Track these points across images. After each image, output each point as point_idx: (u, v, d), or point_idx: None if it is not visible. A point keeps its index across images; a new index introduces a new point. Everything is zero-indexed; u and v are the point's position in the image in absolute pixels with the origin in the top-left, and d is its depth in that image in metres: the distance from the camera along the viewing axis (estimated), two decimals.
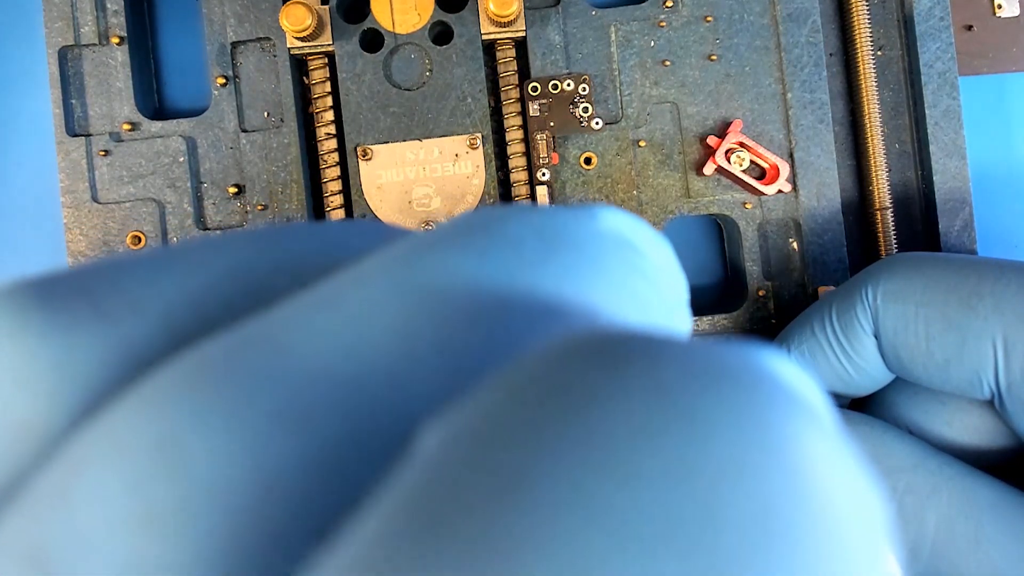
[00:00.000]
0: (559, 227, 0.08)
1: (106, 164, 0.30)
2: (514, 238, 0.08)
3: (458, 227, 0.08)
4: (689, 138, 0.30)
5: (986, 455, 0.23)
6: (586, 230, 0.09)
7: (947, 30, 0.29)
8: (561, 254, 0.08)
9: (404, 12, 0.29)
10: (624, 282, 0.08)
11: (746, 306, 0.30)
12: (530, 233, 0.08)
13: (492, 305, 0.07)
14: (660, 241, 0.09)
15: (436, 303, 0.07)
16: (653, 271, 0.09)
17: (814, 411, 0.07)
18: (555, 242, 0.08)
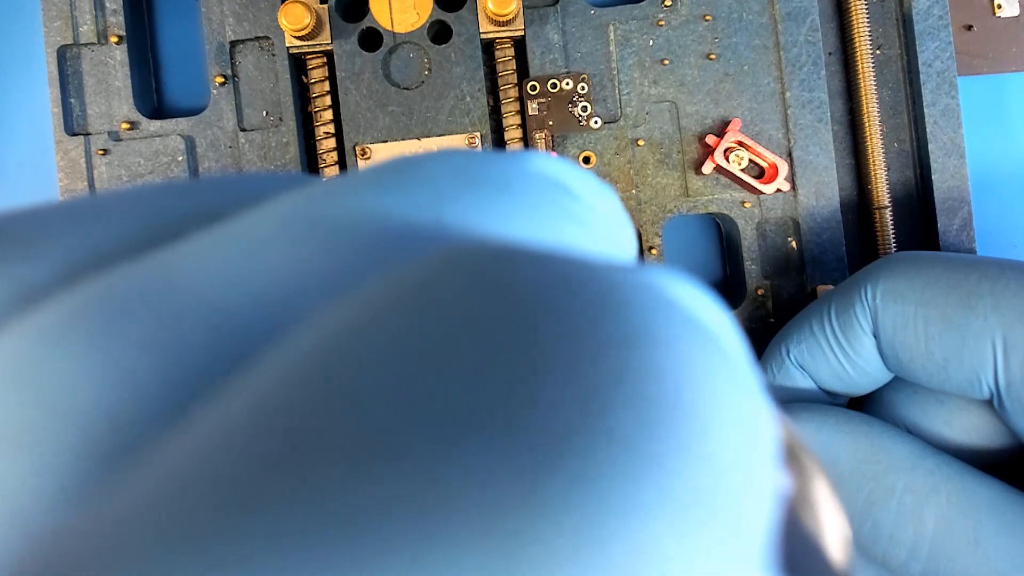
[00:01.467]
0: (481, 166, 0.08)
1: (105, 163, 0.30)
2: (428, 176, 0.08)
3: (373, 168, 0.08)
4: (688, 137, 0.30)
5: (985, 455, 0.23)
6: (514, 171, 0.08)
7: (946, 29, 0.29)
8: (478, 191, 0.08)
9: (403, 11, 0.29)
10: (550, 224, 0.08)
11: (745, 305, 0.30)
12: (447, 172, 0.08)
13: (390, 234, 0.07)
14: (603, 190, 0.09)
15: (331, 234, 0.07)
16: (589, 217, 0.09)
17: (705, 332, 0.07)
18: (474, 180, 0.08)
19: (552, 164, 0.09)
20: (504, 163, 0.08)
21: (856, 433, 0.23)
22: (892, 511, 0.22)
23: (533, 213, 0.08)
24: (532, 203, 0.08)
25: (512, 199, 0.08)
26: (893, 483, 0.22)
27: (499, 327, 0.06)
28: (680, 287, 0.07)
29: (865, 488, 0.22)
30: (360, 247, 0.07)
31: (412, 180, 0.08)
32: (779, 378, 0.26)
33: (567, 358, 0.06)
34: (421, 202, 0.08)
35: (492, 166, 0.08)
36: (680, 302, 0.07)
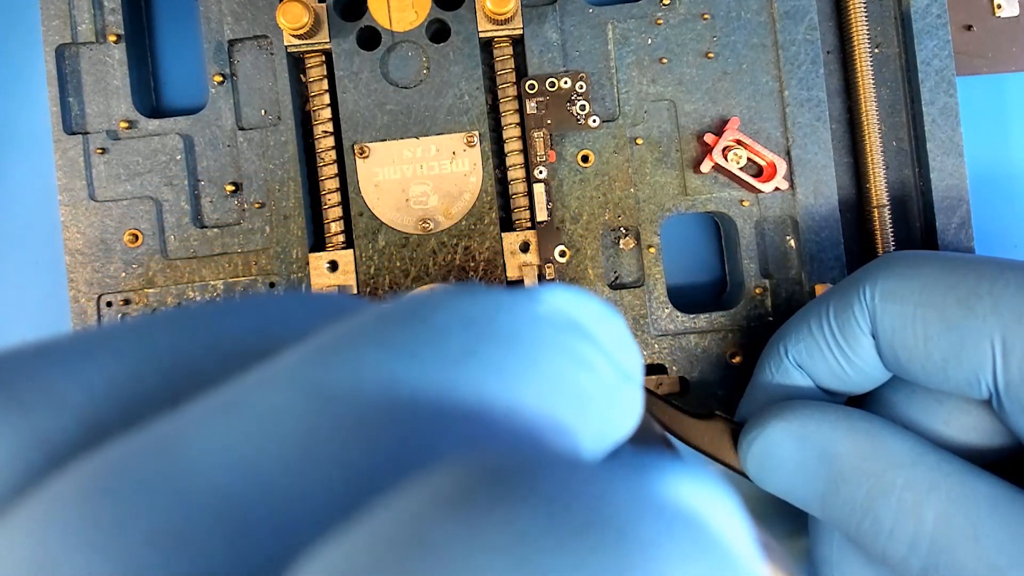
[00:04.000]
0: (491, 315, 0.08)
1: (103, 162, 0.30)
2: (440, 329, 0.08)
3: (385, 317, 0.08)
4: (686, 136, 0.30)
5: (983, 454, 0.23)
6: (523, 317, 0.08)
7: (944, 27, 0.29)
8: (489, 347, 0.08)
9: (401, 10, 0.29)
10: (559, 374, 0.08)
11: (743, 304, 0.30)
12: (457, 323, 0.08)
13: (402, 412, 0.07)
14: (608, 316, 0.09)
15: (342, 410, 0.07)
16: (595, 355, 0.09)
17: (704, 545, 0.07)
18: (484, 333, 0.08)
19: (561, 300, 0.09)
20: (515, 308, 0.08)
21: (856, 429, 0.23)
22: (892, 507, 0.22)
23: (544, 367, 0.08)
24: (541, 356, 0.08)
25: (519, 355, 0.08)
26: (893, 479, 0.22)
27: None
28: (687, 490, 0.07)
29: (865, 484, 0.22)
30: (373, 429, 0.07)
31: (420, 339, 0.08)
32: (777, 377, 0.26)
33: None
34: (428, 367, 0.08)
35: (502, 314, 0.08)
36: (682, 514, 0.07)
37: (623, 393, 0.09)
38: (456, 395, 0.08)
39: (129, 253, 0.30)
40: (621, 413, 0.09)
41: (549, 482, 0.07)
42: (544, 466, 0.07)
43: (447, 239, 0.29)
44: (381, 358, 0.08)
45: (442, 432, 0.07)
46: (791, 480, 0.24)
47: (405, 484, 0.07)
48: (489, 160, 0.29)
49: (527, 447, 0.07)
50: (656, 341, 0.30)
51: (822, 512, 0.23)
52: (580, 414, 0.08)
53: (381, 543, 0.06)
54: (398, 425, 0.07)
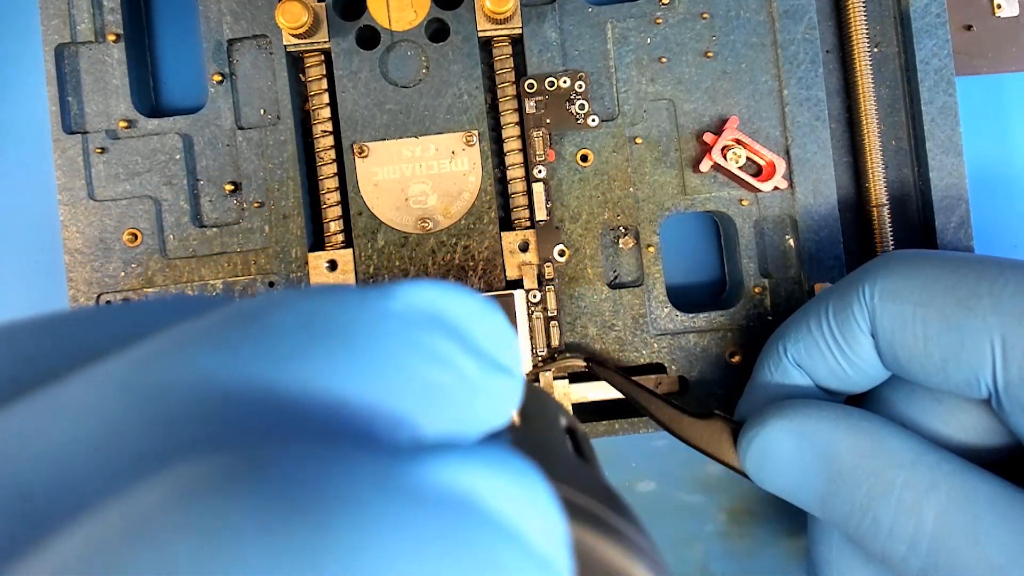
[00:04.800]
0: (331, 313, 0.08)
1: (103, 161, 0.30)
2: (274, 329, 0.08)
3: (224, 317, 0.08)
4: (685, 135, 0.30)
5: (982, 454, 0.23)
6: (367, 313, 0.09)
7: (943, 27, 0.29)
8: (322, 344, 0.08)
9: (400, 9, 0.29)
10: (401, 368, 0.08)
11: (743, 303, 0.30)
12: (294, 323, 0.08)
13: (208, 406, 0.08)
14: (483, 310, 0.09)
15: (149, 407, 0.08)
16: (452, 350, 0.09)
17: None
18: (319, 331, 0.08)
19: (424, 294, 0.09)
20: (363, 306, 0.09)
21: (856, 428, 0.23)
22: (892, 506, 0.22)
23: (379, 363, 0.08)
24: (380, 351, 0.08)
25: (357, 351, 0.08)
26: (893, 478, 0.22)
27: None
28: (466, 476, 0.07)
29: (865, 484, 0.22)
30: (170, 424, 0.07)
31: (251, 336, 0.08)
32: (777, 376, 0.26)
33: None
34: (252, 363, 0.08)
35: (346, 312, 0.08)
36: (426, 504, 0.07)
37: (492, 386, 0.09)
38: (275, 390, 0.08)
39: (128, 252, 0.30)
40: (489, 406, 0.09)
41: (279, 470, 0.07)
42: (287, 457, 0.07)
43: (446, 238, 0.29)
44: (200, 356, 0.08)
45: (246, 425, 0.07)
46: (790, 479, 0.24)
47: (153, 477, 0.07)
48: (488, 159, 0.29)
49: (306, 438, 0.08)
50: (655, 340, 0.30)
51: (821, 511, 0.23)
52: (425, 406, 0.08)
53: (99, 532, 0.06)
54: (201, 419, 0.07)
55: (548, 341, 0.29)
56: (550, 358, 0.29)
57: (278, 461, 0.07)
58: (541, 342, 0.29)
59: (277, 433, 0.07)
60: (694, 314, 0.30)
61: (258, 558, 0.06)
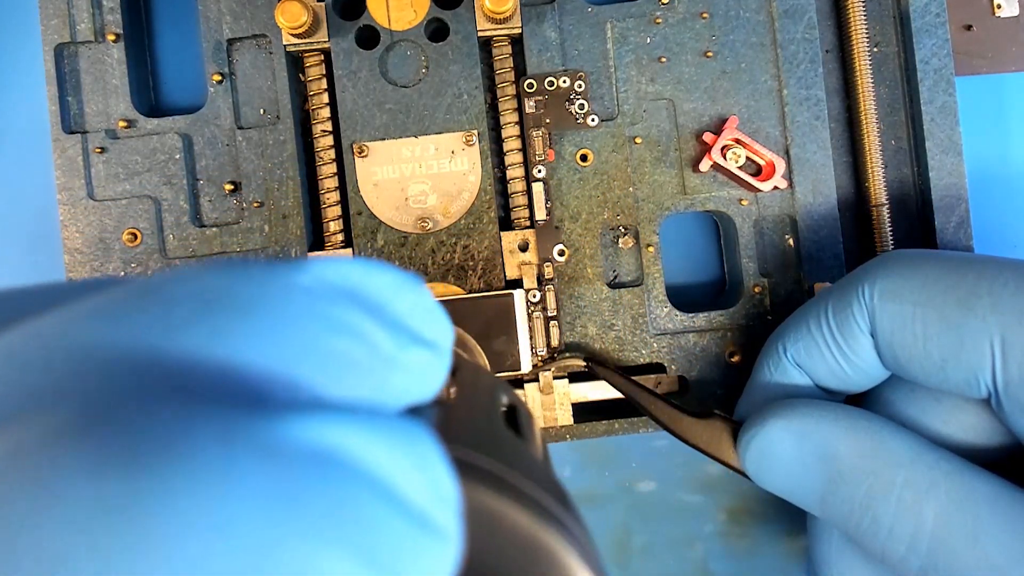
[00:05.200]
0: (234, 287, 0.08)
1: (102, 161, 0.30)
2: (167, 301, 0.08)
3: (123, 292, 0.08)
4: (685, 135, 0.30)
5: (982, 453, 0.23)
6: (272, 287, 0.09)
7: (943, 26, 0.29)
8: (214, 315, 0.08)
9: (400, 9, 0.29)
10: (303, 339, 0.08)
11: (742, 303, 0.30)
12: (190, 294, 0.08)
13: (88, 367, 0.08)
14: (403, 285, 0.10)
15: (31, 367, 0.08)
16: (364, 323, 0.09)
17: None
18: (217, 302, 0.08)
19: (336, 270, 0.09)
20: (266, 279, 0.09)
21: (855, 428, 0.23)
22: (891, 506, 0.22)
23: (278, 333, 0.08)
24: (280, 322, 0.08)
25: (253, 321, 0.08)
26: (892, 478, 0.22)
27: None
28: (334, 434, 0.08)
29: (864, 483, 0.22)
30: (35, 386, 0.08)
31: (144, 309, 0.08)
32: (776, 376, 0.26)
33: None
34: (140, 332, 0.08)
35: (247, 286, 0.09)
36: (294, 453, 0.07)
37: (409, 360, 0.09)
38: (157, 357, 0.08)
39: (128, 252, 0.30)
40: (407, 379, 0.09)
41: (121, 423, 0.07)
42: (133, 411, 0.07)
43: (446, 238, 0.29)
44: (88, 325, 0.08)
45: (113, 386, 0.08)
46: (790, 479, 0.24)
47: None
48: (488, 159, 0.29)
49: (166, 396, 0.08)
50: (655, 340, 0.30)
51: (821, 511, 0.23)
52: (331, 377, 0.09)
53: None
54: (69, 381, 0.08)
55: (548, 341, 0.29)
56: (550, 358, 0.29)
57: (122, 414, 0.07)
58: (541, 342, 0.29)
59: (145, 395, 0.07)
60: (694, 314, 0.30)
61: (85, 504, 0.06)
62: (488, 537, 0.10)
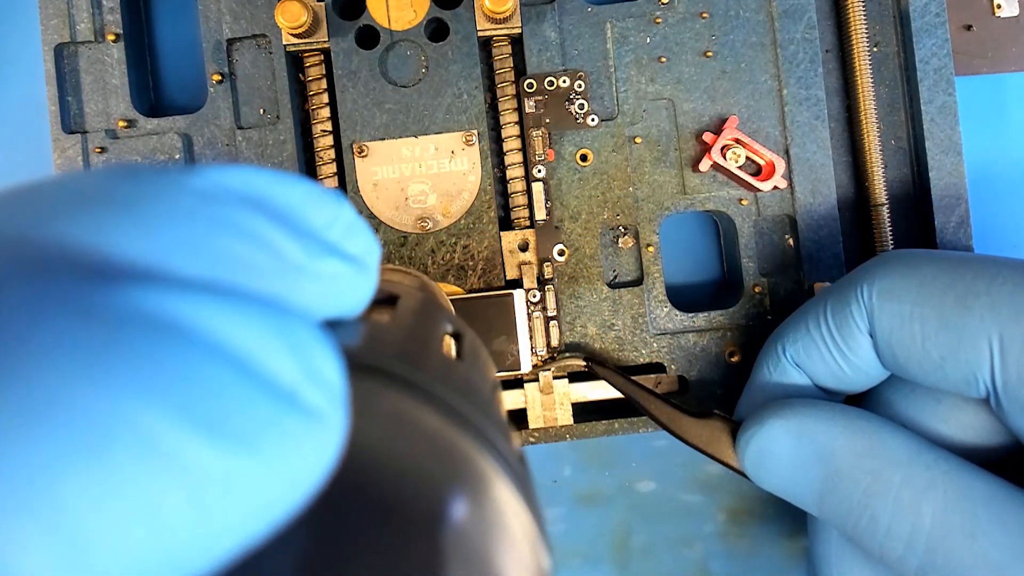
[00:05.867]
0: (120, 186, 0.08)
1: (102, 161, 0.30)
2: (43, 194, 0.08)
3: (9, 188, 0.08)
4: (685, 135, 0.30)
5: (981, 453, 0.23)
6: (163, 188, 0.08)
7: (943, 26, 0.29)
8: (99, 209, 0.08)
9: (400, 9, 0.29)
10: (190, 239, 0.08)
11: (742, 302, 0.30)
12: (65, 190, 0.08)
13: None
14: (322, 198, 0.09)
15: None
16: (269, 230, 0.09)
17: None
18: (102, 198, 0.08)
19: (240, 177, 0.09)
20: (159, 180, 0.09)
21: (854, 427, 0.23)
22: (889, 505, 0.22)
23: (164, 230, 0.08)
24: (167, 221, 0.08)
25: (137, 217, 0.08)
26: (891, 477, 0.22)
27: None
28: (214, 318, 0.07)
29: (863, 482, 0.22)
30: None
31: (19, 199, 0.08)
32: (775, 376, 0.26)
33: None
34: (9, 219, 0.08)
35: (137, 184, 0.08)
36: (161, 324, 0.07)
37: (321, 270, 0.09)
38: (19, 240, 0.08)
39: None
40: (317, 291, 0.09)
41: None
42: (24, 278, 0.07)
43: (446, 238, 0.29)
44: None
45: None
46: (789, 478, 0.24)
47: None
48: (488, 159, 0.29)
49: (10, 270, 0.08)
50: (655, 340, 0.30)
51: (820, 510, 0.23)
52: (218, 275, 0.08)
53: None
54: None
55: (548, 341, 0.29)
56: (550, 358, 0.29)
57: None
58: (541, 342, 0.29)
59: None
60: (693, 314, 0.30)
61: None
62: (396, 436, 0.09)
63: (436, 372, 0.12)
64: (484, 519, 0.09)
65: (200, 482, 0.07)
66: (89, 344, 0.07)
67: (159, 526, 0.06)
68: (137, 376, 0.07)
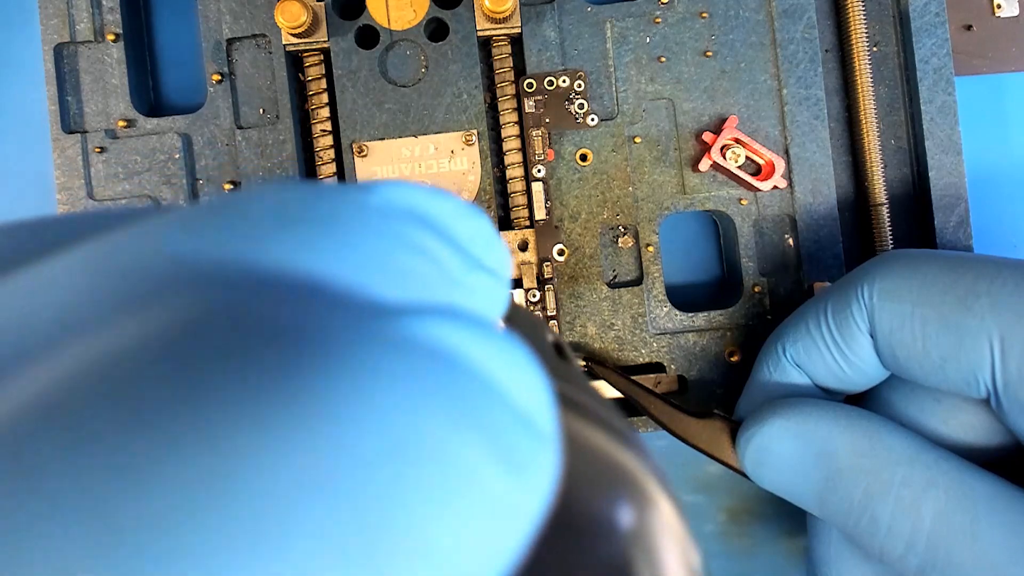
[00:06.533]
0: (306, 203, 0.08)
1: (102, 161, 0.30)
2: (247, 215, 0.08)
3: (202, 206, 0.08)
4: (684, 134, 0.30)
5: (981, 453, 0.23)
6: (346, 205, 0.09)
7: (942, 26, 0.29)
8: (295, 228, 0.08)
9: (399, 8, 0.29)
10: (379, 255, 0.08)
11: (742, 302, 0.30)
12: (269, 210, 0.08)
13: (179, 276, 0.07)
14: (466, 213, 0.09)
15: (119, 276, 0.07)
16: (436, 244, 0.09)
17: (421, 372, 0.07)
18: (294, 217, 0.08)
19: (405, 193, 0.09)
20: (339, 197, 0.09)
21: (854, 427, 0.23)
22: (890, 505, 0.22)
23: (356, 248, 0.08)
24: (357, 238, 0.08)
25: (332, 235, 0.08)
26: (891, 477, 0.22)
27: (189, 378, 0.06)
28: (450, 336, 0.07)
29: (863, 482, 0.22)
30: (130, 293, 0.07)
31: (225, 221, 0.08)
32: (775, 375, 0.26)
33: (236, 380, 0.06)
34: (224, 243, 0.08)
35: (322, 202, 0.08)
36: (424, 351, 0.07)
37: (474, 283, 0.09)
38: (246, 268, 0.08)
39: None
40: (470, 302, 0.09)
41: (254, 316, 0.07)
42: (260, 305, 0.07)
43: None
44: (167, 239, 0.08)
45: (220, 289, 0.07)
46: (789, 478, 0.24)
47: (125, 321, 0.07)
48: (487, 159, 0.29)
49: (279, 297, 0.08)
50: (654, 340, 0.30)
51: (820, 510, 0.23)
52: (404, 292, 0.08)
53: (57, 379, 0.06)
54: (162, 285, 0.07)
55: None
56: None
57: (251, 308, 0.07)
58: None
59: (256, 299, 0.07)
60: (693, 313, 0.30)
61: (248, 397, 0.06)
62: (569, 456, 0.10)
63: (577, 383, 0.12)
64: (654, 522, 0.09)
65: (501, 512, 0.07)
66: (411, 380, 0.07)
67: (471, 557, 0.07)
68: (448, 408, 0.07)
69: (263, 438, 0.06)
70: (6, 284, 0.08)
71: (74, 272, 0.08)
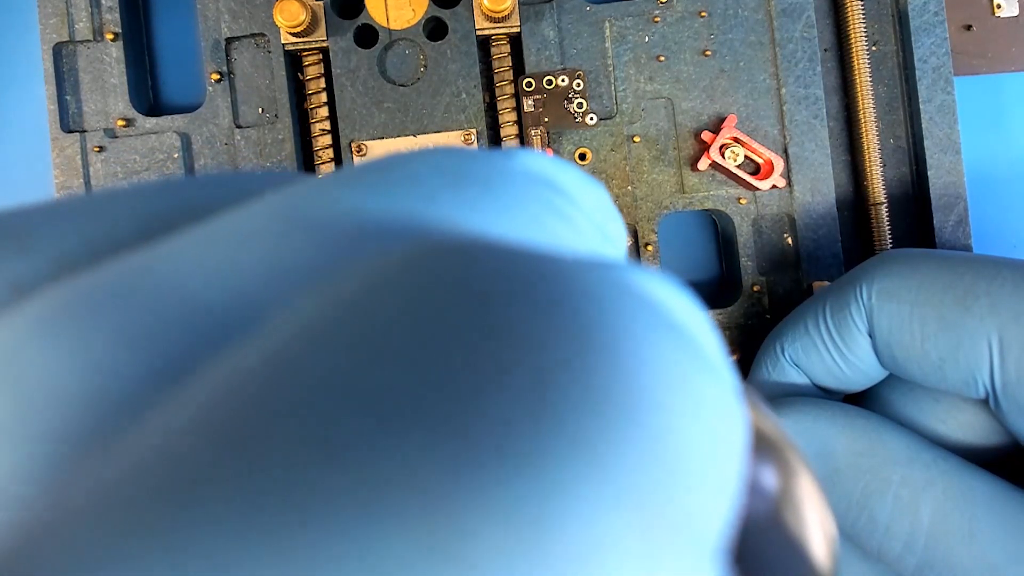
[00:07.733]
0: (466, 164, 0.08)
1: (101, 160, 0.30)
2: (411, 174, 0.08)
3: (361, 166, 0.08)
4: (683, 133, 0.30)
5: (980, 453, 0.23)
6: (499, 168, 0.08)
7: (941, 25, 0.29)
8: (460, 189, 0.08)
9: (398, 7, 0.29)
10: (534, 220, 0.08)
11: (741, 301, 0.30)
12: (431, 170, 0.08)
13: (366, 231, 0.07)
14: (592, 185, 0.09)
15: (310, 232, 0.07)
16: (575, 212, 0.09)
17: (669, 323, 0.07)
18: (457, 178, 0.08)
19: (540, 161, 0.09)
20: (490, 161, 0.09)
21: (853, 426, 0.23)
22: (888, 504, 0.22)
23: (516, 210, 0.08)
24: (515, 200, 0.08)
25: (493, 196, 0.08)
26: (889, 476, 0.22)
27: (451, 323, 0.06)
28: (651, 282, 0.07)
29: (861, 481, 0.22)
30: (335, 244, 0.07)
31: (394, 179, 0.08)
32: (774, 375, 0.26)
33: (516, 350, 0.06)
34: (400, 201, 0.08)
35: (477, 164, 0.08)
36: (647, 295, 0.07)
37: (604, 251, 0.09)
38: (425, 225, 0.08)
39: None
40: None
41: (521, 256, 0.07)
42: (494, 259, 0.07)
43: None
44: (351, 194, 0.08)
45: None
46: None
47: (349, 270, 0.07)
48: None
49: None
50: None
51: None
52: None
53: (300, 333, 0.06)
54: (362, 242, 0.07)
55: None
56: None
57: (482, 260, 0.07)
58: None
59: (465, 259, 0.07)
60: None
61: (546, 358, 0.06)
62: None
63: None
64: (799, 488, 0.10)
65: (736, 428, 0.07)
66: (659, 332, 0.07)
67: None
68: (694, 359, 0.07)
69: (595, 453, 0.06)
70: (195, 236, 0.08)
71: (272, 223, 0.07)
